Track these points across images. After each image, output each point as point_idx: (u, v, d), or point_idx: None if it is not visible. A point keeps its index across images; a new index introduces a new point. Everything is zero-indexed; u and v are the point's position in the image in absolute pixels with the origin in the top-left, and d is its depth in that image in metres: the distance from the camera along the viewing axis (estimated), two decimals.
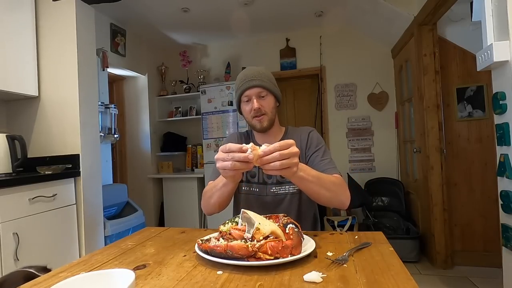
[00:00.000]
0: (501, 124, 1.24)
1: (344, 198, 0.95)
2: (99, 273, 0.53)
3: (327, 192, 0.89)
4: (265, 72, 1.10)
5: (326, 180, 0.90)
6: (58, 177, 1.82)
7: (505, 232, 1.24)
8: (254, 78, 1.06)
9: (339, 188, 0.94)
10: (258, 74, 1.07)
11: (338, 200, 0.94)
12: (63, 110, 2.03)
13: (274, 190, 1.09)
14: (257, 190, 1.11)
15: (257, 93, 1.07)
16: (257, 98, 1.07)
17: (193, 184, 3.42)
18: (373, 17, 2.95)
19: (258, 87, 1.06)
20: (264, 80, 1.07)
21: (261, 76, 1.07)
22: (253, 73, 1.07)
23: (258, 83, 1.06)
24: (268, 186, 1.10)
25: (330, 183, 0.91)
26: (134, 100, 3.60)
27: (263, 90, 1.07)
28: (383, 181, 3.13)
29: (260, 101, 1.07)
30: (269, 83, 1.08)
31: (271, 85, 1.09)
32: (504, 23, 1.17)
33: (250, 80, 1.06)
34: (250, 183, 1.13)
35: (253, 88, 1.06)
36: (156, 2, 2.77)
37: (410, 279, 0.55)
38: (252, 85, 1.06)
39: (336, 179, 0.95)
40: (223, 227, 0.77)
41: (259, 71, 1.09)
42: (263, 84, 1.06)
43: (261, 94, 1.07)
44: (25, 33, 1.98)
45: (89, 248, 1.96)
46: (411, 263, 2.50)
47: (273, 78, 1.13)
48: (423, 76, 2.45)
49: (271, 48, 3.65)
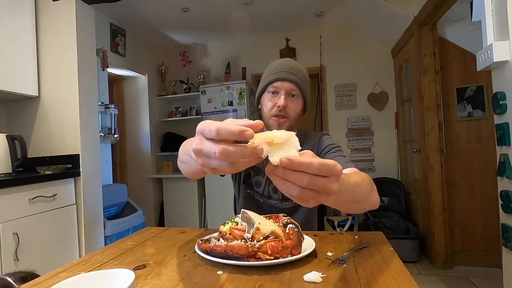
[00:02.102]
0: (501, 124, 1.24)
1: (376, 199, 0.74)
2: (99, 273, 0.53)
3: (360, 201, 0.67)
4: (304, 71, 0.94)
5: (360, 186, 0.65)
6: (58, 177, 1.82)
7: (505, 232, 1.24)
8: (291, 71, 0.90)
9: (371, 189, 0.71)
10: (298, 69, 0.92)
11: (372, 203, 0.73)
12: (63, 110, 2.03)
13: (278, 205, 1.00)
14: (261, 200, 1.01)
15: (289, 89, 0.91)
16: (286, 95, 0.91)
17: (193, 184, 3.42)
18: (373, 17, 2.95)
19: (292, 83, 0.90)
20: (301, 78, 0.91)
21: (300, 72, 0.92)
22: (292, 66, 0.91)
23: (294, 78, 0.89)
24: (272, 202, 0.99)
25: (363, 188, 0.67)
26: (134, 100, 3.61)
27: (296, 88, 0.91)
28: (383, 181, 3.13)
29: (289, 100, 0.91)
30: (305, 83, 0.93)
31: (306, 86, 0.94)
32: (504, 23, 1.17)
33: (286, 71, 0.90)
34: (254, 190, 1.01)
35: (286, 82, 0.90)
36: (156, 2, 2.77)
37: (410, 279, 0.54)
38: (287, 77, 0.89)
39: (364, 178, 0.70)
40: (223, 227, 0.77)
41: (299, 67, 0.93)
42: (299, 82, 0.90)
43: (293, 92, 0.91)
44: (25, 33, 1.98)
45: (89, 248, 1.96)
46: (411, 263, 2.50)
47: (309, 82, 0.98)
48: (423, 76, 2.45)
49: (271, 48, 3.65)
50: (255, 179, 1.02)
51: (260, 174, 1.01)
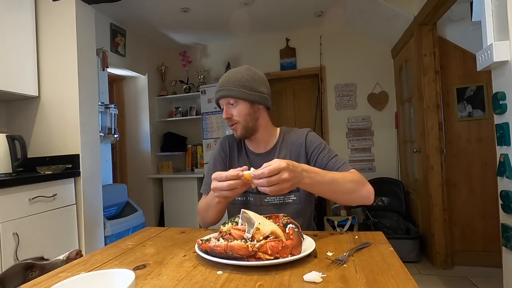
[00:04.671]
0: (501, 124, 1.24)
1: (366, 193, 0.91)
2: (99, 273, 0.53)
3: (345, 192, 0.87)
4: (239, 76, 1.03)
5: (342, 180, 0.86)
6: (58, 177, 1.82)
7: (505, 232, 1.24)
8: (222, 88, 1.03)
9: (359, 185, 0.90)
10: (227, 81, 1.03)
11: (360, 196, 0.90)
12: (63, 110, 2.03)
13: (268, 200, 1.07)
14: (252, 200, 1.08)
15: (226, 102, 1.05)
16: (227, 107, 1.05)
17: (193, 184, 3.42)
18: (373, 17, 2.95)
19: (226, 97, 1.03)
20: (231, 88, 1.02)
21: (229, 83, 1.02)
22: (223, 81, 1.05)
23: (223, 93, 1.03)
24: (262, 196, 1.07)
25: (347, 182, 0.87)
26: (134, 100, 3.60)
27: (230, 98, 1.03)
28: (383, 181, 3.13)
29: (230, 110, 1.05)
30: (236, 89, 1.02)
31: (239, 91, 1.02)
32: (504, 23, 1.17)
33: (218, 90, 1.05)
34: (245, 192, 1.09)
35: (222, 98, 1.05)
36: (156, 2, 2.77)
37: (410, 279, 0.55)
38: (221, 95, 1.04)
39: (353, 175, 0.91)
40: (223, 227, 0.77)
41: (231, 76, 1.04)
42: (229, 94, 1.02)
43: (230, 102, 1.04)
44: (25, 33, 1.98)
45: (89, 248, 1.96)
46: (411, 263, 2.50)
47: (252, 80, 1.04)
48: (423, 76, 2.45)
49: (271, 48, 3.66)
50: None
51: None
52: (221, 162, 1.15)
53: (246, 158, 1.13)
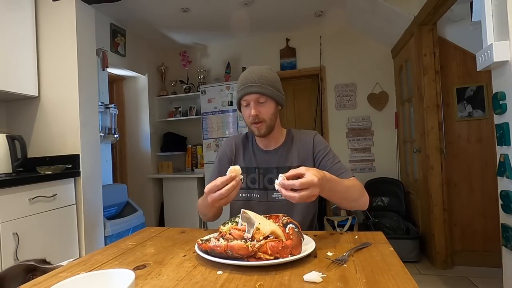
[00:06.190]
0: (501, 124, 1.24)
1: (364, 201, 0.97)
2: (99, 273, 0.53)
3: (351, 199, 0.93)
4: (267, 75, 1.05)
5: (352, 188, 0.91)
6: (58, 177, 1.82)
7: (505, 232, 1.24)
8: (254, 84, 1.02)
9: (360, 193, 0.95)
10: (259, 78, 1.02)
11: (359, 204, 0.96)
12: (63, 110, 2.03)
13: (275, 195, 1.08)
14: (258, 196, 1.09)
15: (256, 99, 1.03)
16: (256, 104, 1.03)
17: (193, 184, 3.42)
18: (373, 17, 2.95)
19: (257, 94, 1.02)
20: (264, 86, 1.02)
21: (261, 80, 1.02)
22: (254, 77, 1.03)
23: (257, 90, 1.01)
24: (269, 192, 1.08)
25: (354, 190, 0.93)
26: (134, 100, 3.60)
27: (261, 96, 1.02)
28: (383, 181, 3.13)
29: (259, 107, 1.04)
30: (269, 88, 1.03)
31: (271, 90, 1.04)
32: (504, 23, 1.17)
33: (249, 85, 1.02)
34: (250, 189, 1.11)
35: (252, 94, 1.02)
36: (156, 2, 2.76)
37: (410, 279, 0.55)
38: (251, 91, 1.02)
39: (356, 184, 0.96)
40: (223, 227, 0.77)
41: (260, 74, 1.03)
42: (262, 91, 1.01)
43: (260, 100, 1.03)
44: (25, 33, 1.98)
45: (89, 248, 1.96)
46: (411, 263, 2.50)
47: (276, 81, 1.08)
48: (423, 76, 2.45)
49: (271, 48, 3.65)
50: (250, 177, 1.12)
51: (253, 172, 1.13)
52: (225, 160, 1.17)
53: (252, 154, 1.15)
